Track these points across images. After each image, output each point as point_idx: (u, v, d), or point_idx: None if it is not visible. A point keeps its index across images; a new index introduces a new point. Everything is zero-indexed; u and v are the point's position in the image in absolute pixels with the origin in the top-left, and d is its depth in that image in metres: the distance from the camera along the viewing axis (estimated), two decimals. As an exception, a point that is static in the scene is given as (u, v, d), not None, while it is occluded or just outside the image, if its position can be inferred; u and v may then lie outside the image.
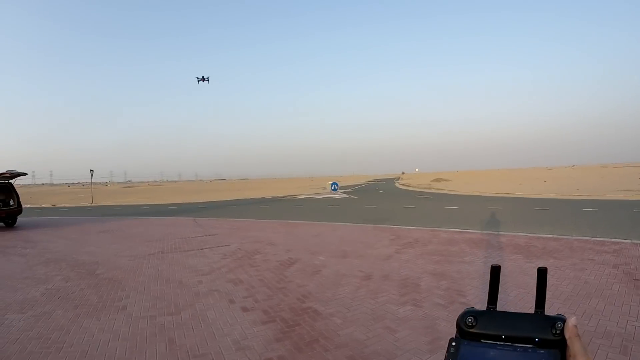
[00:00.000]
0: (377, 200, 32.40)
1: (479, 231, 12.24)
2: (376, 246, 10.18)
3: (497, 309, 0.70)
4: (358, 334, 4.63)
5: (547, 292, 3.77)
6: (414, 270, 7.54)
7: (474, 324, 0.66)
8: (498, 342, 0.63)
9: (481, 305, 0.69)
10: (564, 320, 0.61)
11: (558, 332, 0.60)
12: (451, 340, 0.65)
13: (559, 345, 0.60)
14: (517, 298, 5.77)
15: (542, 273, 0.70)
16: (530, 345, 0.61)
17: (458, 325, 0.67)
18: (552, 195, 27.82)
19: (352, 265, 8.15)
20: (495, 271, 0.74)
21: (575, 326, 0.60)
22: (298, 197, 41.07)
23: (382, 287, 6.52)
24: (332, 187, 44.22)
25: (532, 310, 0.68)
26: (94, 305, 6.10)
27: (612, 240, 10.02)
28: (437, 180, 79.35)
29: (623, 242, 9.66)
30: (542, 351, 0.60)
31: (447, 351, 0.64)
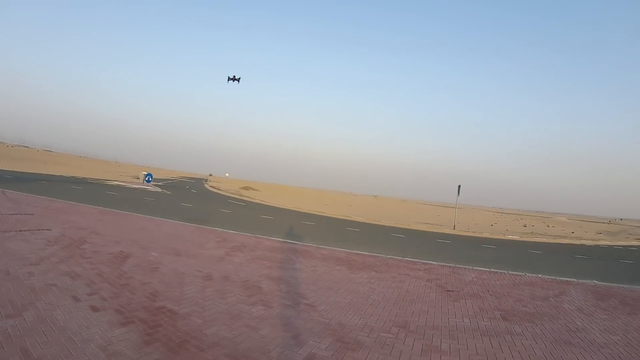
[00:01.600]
0: (192, 199, 32.00)
1: (300, 242, 12.96)
2: (206, 247, 10.07)
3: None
4: (224, 333, 4.62)
5: (378, 296, 4.63)
6: (251, 274, 7.71)
7: None
8: None
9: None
10: None
11: None
12: None
13: None
14: (352, 302, 6.50)
15: None
16: None
17: None
18: (360, 219, 30.54)
19: (189, 264, 7.93)
20: None
21: None
22: (110, 183, 37.82)
23: (226, 287, 6.55)
24: (146, 178, 41.92)
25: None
26: None
27: (422, 261, 11.77)
28: (246, 188, 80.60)
29: (431, 263, 11.49)
30: None
31: None
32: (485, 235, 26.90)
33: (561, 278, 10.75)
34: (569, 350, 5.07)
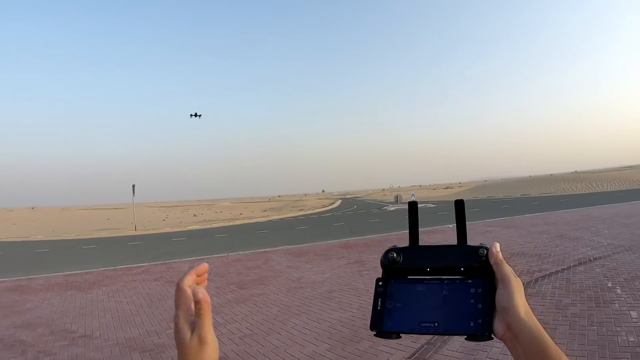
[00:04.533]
0: None
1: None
2: None
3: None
4: None
5: (128, 306, 6.47)
6: None
7: (397, 259, 0.63)
8: (424, 277, 0.62)
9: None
10: (487, 248, 0.60)
11: (482, 258, 0.60)
12: (378, 280, 0.63)
13: (486, 272, 0.59)
14: (116, 318, 6.67)
15: (459, 205, 0.63)
16: (459, 277, 0.61)
17: (382, 265, 0.65)
18: (42, 237, 27.03)
19: None
20: (413, 208, 0.68)
21: (499, 252, 0.59)
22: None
23: None
24: None
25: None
26: None
27: (135, 265, 12.14)
28: None
29: (144, 265, 12.03)
30: (470, 280, 0.59)
31: (375, 291, 0.63)
32: (168, 230, 28.24)
33: (258, 250, 13.32)
34: (303, 291, 7.46)
